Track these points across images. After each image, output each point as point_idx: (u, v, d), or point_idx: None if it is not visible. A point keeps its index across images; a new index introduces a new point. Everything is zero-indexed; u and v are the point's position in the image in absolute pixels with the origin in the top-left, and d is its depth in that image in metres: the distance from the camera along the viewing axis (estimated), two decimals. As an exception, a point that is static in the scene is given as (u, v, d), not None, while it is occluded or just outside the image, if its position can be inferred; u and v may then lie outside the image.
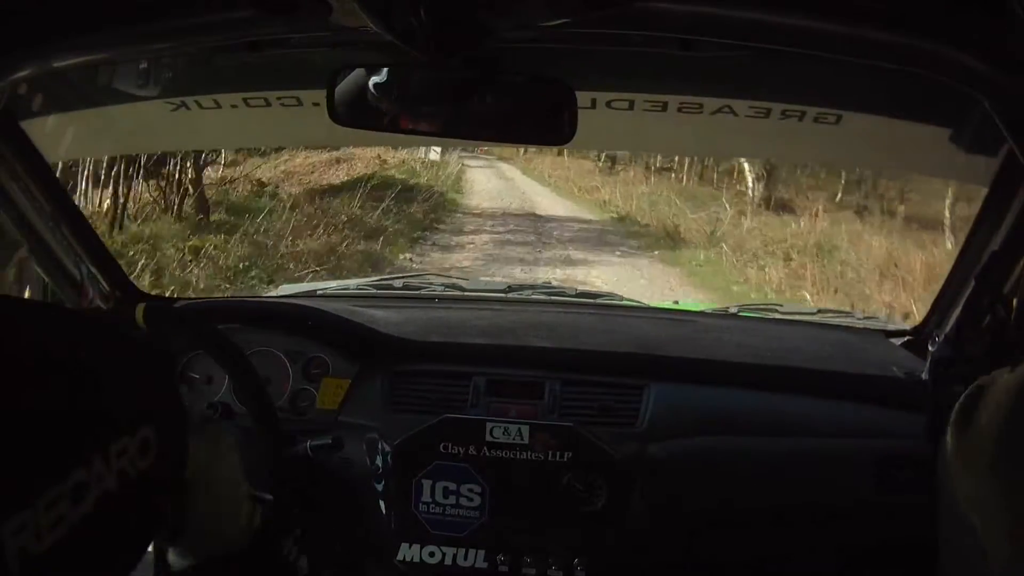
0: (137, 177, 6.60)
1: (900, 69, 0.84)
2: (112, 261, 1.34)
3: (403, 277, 1.75)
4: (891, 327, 1.52)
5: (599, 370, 1.27)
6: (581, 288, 1.83)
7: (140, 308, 0.88)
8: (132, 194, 6.63)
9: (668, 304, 1.91)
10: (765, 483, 1.20)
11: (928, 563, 0.88)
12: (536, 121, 0.93)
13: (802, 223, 9.23)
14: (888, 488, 1.16)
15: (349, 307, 1.43)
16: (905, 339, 1.39)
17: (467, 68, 0.88)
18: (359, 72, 0.93)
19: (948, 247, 7.15)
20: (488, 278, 5.55)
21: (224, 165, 8.69)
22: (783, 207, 10.99)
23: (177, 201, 6.98)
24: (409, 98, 0.93)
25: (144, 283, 4.56)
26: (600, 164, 16.47)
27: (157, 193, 6.96)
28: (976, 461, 0.56)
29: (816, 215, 9.41)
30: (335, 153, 11.26)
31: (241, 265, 6.06)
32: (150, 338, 0.93)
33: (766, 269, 7.41)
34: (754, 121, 1.18)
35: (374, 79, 0.93)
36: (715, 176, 13.60)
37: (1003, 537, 0.52)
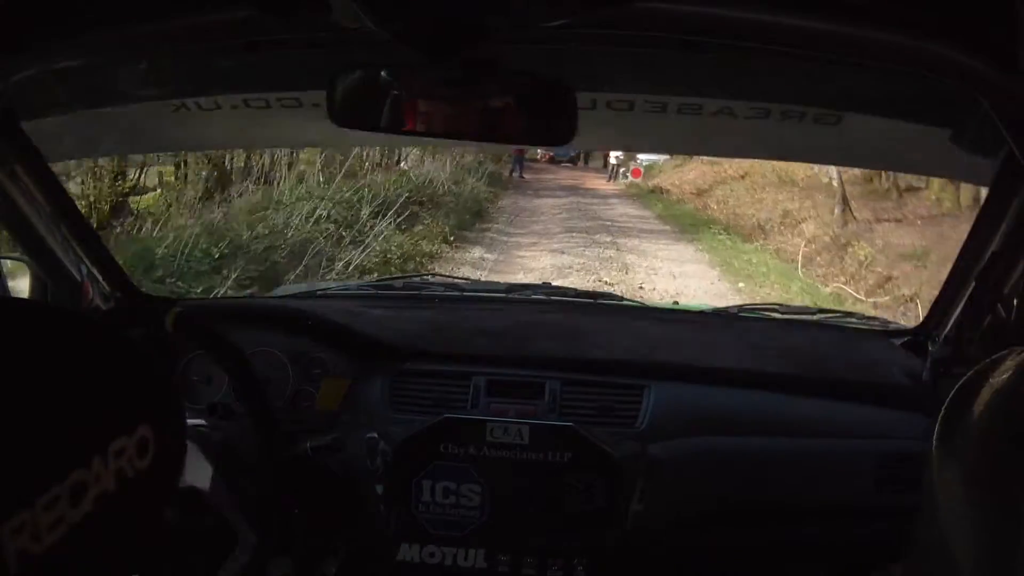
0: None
1: (900, 69, 0.84)
2: (112, 261, 1.34)
3: (403, 277, 1.76)
4: (891, 327, 1.51)
5: (599, 370, 1.27)
6: (581, 288, 1.83)
7: (173, 313, 0.89)
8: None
9: (668, 304, 1.91)
10: (765, 483, 1.20)
11: None
12: (536, 121, 0.93)
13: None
14: (888, 488, 1.16)
15: (349, 307, 1.44)
16: (905, 339, 1.39)
17: (467, 68, 0.88)
18: (359, 72, 0.93)
19: None
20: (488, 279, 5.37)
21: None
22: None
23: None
24: (409, 98, 0.92)
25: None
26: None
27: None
28: (959, 473, 0.55)
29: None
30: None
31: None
32: (148, 337, 0.94)
33: None
34: (754, 121, 1.18)
35: (374, 79, 0.93)
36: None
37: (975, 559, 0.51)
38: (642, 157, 17.36)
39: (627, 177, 17.41)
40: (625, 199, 14.50)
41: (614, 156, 17.85)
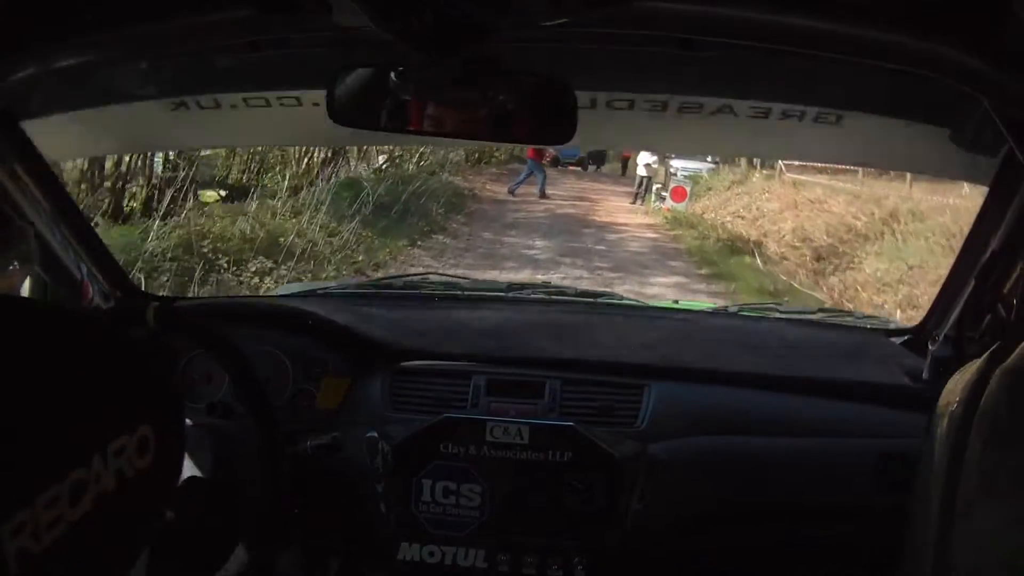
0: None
1: (900, 69, 0.84)
2: (112, 261, 1.34)
3: (403, 276, 1.76)
4: (891, 326, 1.52)
5: (599, 369, 1.27)
6: (581, 287, 1.83)
7: (152, 308, 0.88)
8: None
9: (668, 303, 1.91)
10: (765, 483, 1.20)
11: None
12: (536, 121, 0.93)
13: None
14: (888, 488, 1.16)
15: (349, 307, 1.44)
16: (905, 339, 1.39)
17: (467, 68, 0.88)
18: (359, 72, 0.93)
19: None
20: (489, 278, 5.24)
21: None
22: None
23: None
24: (409, 98, 0.93)
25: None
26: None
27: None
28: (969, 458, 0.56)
29: None
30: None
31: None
32: (149, 338, 0.93)
33: None
34: (754, 121, 1.18)
35: (374, 79, 0.93)
36: None
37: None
38: (677, 164, 11.61)
39: (663, 200, 10.65)
40: (682, 266, 7.38)
41: (643, 164, 11.71)
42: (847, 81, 1.07)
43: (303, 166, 7.88)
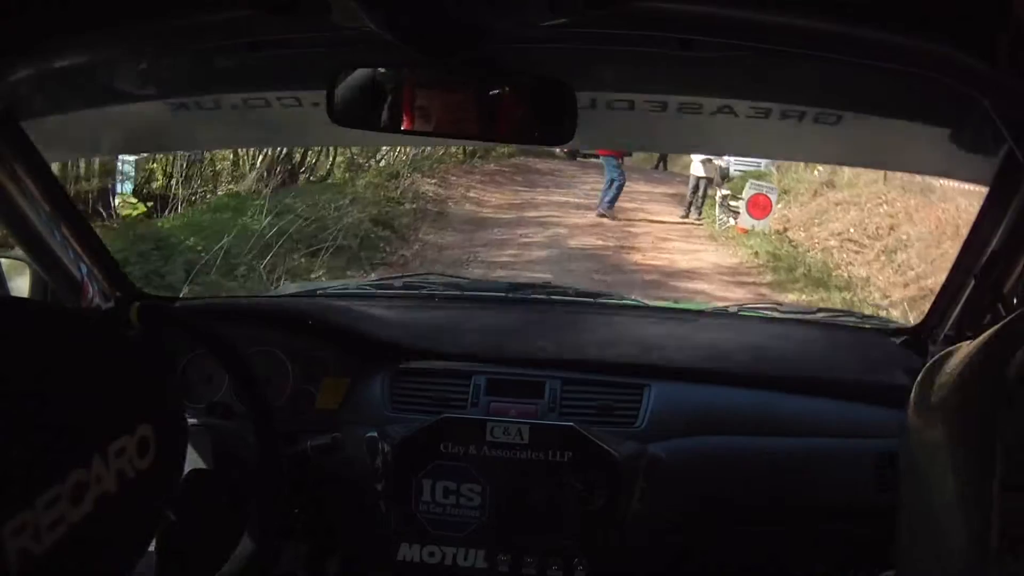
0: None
1: (900, 69, 0.84)
2: (112, 261, 1.34)
3: (403, 277, 1.76)
4: (891, 326, 1.52)
5: (599, 369, 1.27)
6: (581, 288, 1.83)
7: (135, 307, 0.88)
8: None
9: (668, 303, 1.91)
10: (765, 483, 1.20)
11: None
12: (536, 121, 0.93)
13: None
14: (888, 487, 1.16)
15: (349, 307, 1.44)
16: (904, 338, 1.39)
17: (467, 68, 0.88)
18: (359, 72, 0.93)
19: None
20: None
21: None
22: None
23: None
24: (409, 98, 0.93)
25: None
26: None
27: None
28: (943, 433, 0.58)
29: None
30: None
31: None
32: (149, 338, 0.93)
33: None
34: (754, 121, 1.18)
35: (374, 79, 0.93)
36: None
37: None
38: (731, 159, 8.62)
39: (735, 215, 7.59)
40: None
41: (698, 160, 8.37)
42: (847, 81, 1.07)
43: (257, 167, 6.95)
